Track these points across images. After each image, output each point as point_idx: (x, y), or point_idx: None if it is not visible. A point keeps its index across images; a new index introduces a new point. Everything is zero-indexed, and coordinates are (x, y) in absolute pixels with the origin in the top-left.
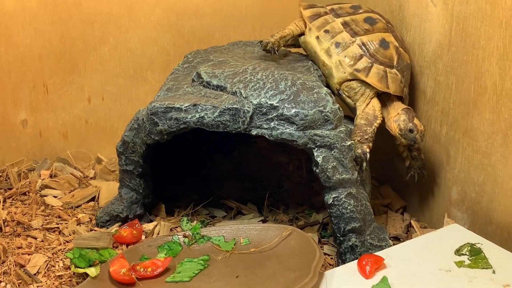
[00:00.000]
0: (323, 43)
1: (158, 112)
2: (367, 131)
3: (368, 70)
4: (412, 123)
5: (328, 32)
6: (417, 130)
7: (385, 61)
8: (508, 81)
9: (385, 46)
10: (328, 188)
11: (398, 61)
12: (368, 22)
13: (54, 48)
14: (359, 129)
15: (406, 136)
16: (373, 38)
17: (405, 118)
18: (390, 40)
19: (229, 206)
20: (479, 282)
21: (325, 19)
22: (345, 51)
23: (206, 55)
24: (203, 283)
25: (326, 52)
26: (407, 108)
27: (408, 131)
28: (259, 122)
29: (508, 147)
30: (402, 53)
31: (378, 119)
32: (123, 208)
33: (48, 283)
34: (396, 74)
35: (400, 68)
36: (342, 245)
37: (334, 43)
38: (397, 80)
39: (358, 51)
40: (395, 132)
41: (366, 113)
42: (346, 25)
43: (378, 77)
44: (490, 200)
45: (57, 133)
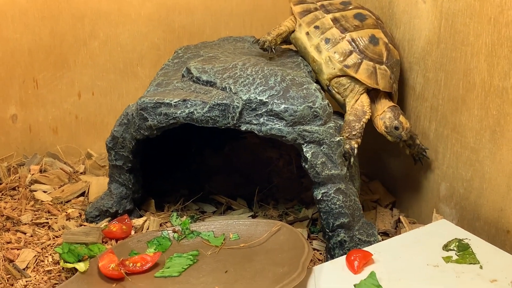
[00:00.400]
0: (313, 39)
1: (148, 107)
2: (355, 127)
3: (358, 66)
4: (398, 120)
5: (318, 28)
6: (402, 127)
7: (375, 57)
8: (496, 77)
9: (375, 42)
10: (317, 184)
11: (387, 57)
12: (358, 18)
13: (44, 42)
14: (347, 125)
15: (392, 133)
16: (362, 34)
17: (390, 116)
18: (380, 36)
19: (219, 202)
20: (466, 277)
21: (315, 15)
22: (335, 47)
23: (196, 50)
24: (192, 278)
25: (316, 48)
26: (393, 106)
27: (394, 128)
28: (249, 118)
29: (496, 143)
30: (391, 49)
31: (366, 115)
32: (113, 203)
33: (37, 278)
34: (386, 70)
35: (389, 64)
36: (331, 241)
37: (324, 39)
38: (386, 77)
39: (348, 47)
40: (381, 129)
41: (355, 109)
42: (336, 21)
43: (368, 73)
44: (478, 196)
45: (47, 128)
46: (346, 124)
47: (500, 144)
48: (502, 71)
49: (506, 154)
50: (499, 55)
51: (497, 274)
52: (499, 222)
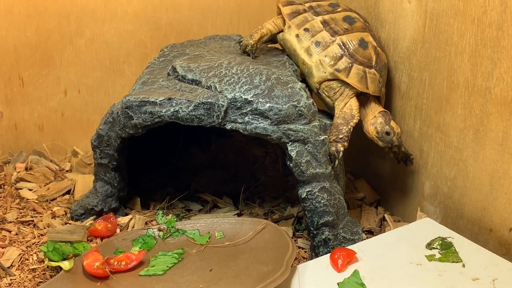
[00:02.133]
0: (303, 41)
1: (133, 105)
2: (343, 130)
3: (349, 70)
4: (389, 125)
5: (308, 30)
6: (394, 132)
7: (364, 61)
8: (480, 77)
9: (364, 46)
10: (302, 182)
11: (376, 61)
12: (347, 21)
13: (30, 40)
14: (335, 128)
15: (383, 138)
16: (352, 38)
17: (381, 121)
18: (369, 40)
19: (205, 200)
20: (448, 275)
21: (304, 17)
22: (326, 51)
23: (182, 48)
24: (177, 276)
25: (306, 51)
26: (384, 111)
27: (385, 133)
28: (234, 117)
29: (479, 142)
30: (380, 52)
31: (354, 118)
32: (98, 202)
33: (21, 276)
34: (375, 74)
35: (378, 68)
36: (316, 239)
37: (315, 42)
38: (375, 80)
39: (338, 50)
40: (372, 134)
41: (344, 112)
42: (326, 24)
43: (358, 78)
44: (462, 194)
45: (33, 125)
46: (334, 127)
47: (483, 143)
48: (485, 71)
49: (489, 153)
50: (482, 55)
51: (480, 272)
52: (482, 220)
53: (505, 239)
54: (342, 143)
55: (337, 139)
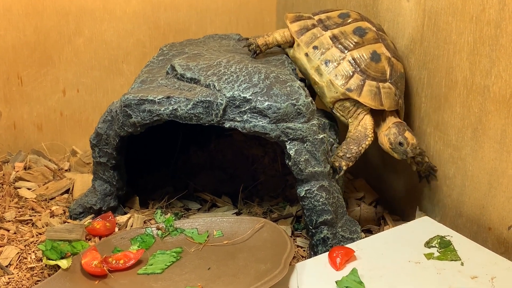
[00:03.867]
0: (313, 61)
1: (132, 104)
2: (352, 150)
3: (361, 88)
4: (402, 136)
5: (317, 48)
6: (407, 143)
7: (377, 75)
8: (478, 75)
9: (377, 60)
10: (301, 181)
11: (391, 73)
12: (358, 33)
13: (28, 39)
14: (346, 145)
15: (397, 149)
16: (363, 52)
17: (395, 132)
18: (382, 51)
19: (204, 199)
20: (447, 273)
21: (313, 33)
22: (336, 69)
23: (181, 47)
24: (175, 275)
25: (317, 70)
26: (399, 122)
27: (398, 144)
28: (232, 115)
29: (477, 141)
30: (394, 63)
31: (368, 140)
32: (97, 200)
33: (19, 275)
34: (390, 87)
35: (393, 80)
36: (314, 237)
37: (324, 61)
38: (391, 95)
39: (349, 68)
40: (386, 146)
41: (358, 131)
42: (335, 39)
43: (372, 95)
44: (460, 193)
45: (32, 125)
46: (346, 143)
47: (481, 141)
48: (483, 69)
49: (487, 151)
50: (480, 53)
51: (478, 271)
52: (481, 219)
53: (503, 237)
54: (347, 162)
55: (344, 156)
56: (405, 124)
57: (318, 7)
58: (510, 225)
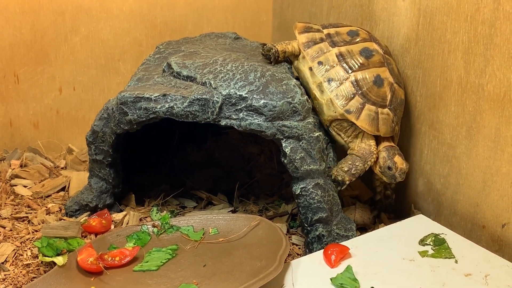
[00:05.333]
0: (316, 76)
1: (128, 101)
2: (358, 167)
3: (359, 112)
4: (391, 160)
5: (322, 64)
6: (396, 167)
7: (378, 100)
8: (473, 74)
9: (379, 84)
10: (296, 179)
11: (391, 100)
12: (364, 54)
13: (25, 37)
14: (351, 160)
15: (385, 173)
16: (367, 74)
17: (384, 156)
18: (385, 76)
19: (200, 197)
20: (441, 271)
21: (320, 48)
22: (338, 89)
23: (177, 46)
24: (171, 272)
25: (318, 86)
26: (390, 146)
27: (387, 168)
28: (228, 113)
29: (472, 139)
30: (396, 90)
31: (373, 157)
32: (93, 198)
33: (15, 272)
34: (388, 114)
35: (392, 107)
36: (309, 235)
37: (327, 78)
38: (388, 121)
39: (351, 89)
40: (376, 169)
41: (362, 148)
42: (341, 57)
43: (369, 120)
44: (455, 191)
45: (28, 123)
46: (350, 158)
47: (476, 140)
48: (478, 68)
49: (481, 150)
50: (475, 52)
51: (472, 269)
52: (475, 217)
53: (497, 235)
54: (350, 178)
55: (348, 171)
56: (396, 148)
57: (314, 6)
58: (504, 223)
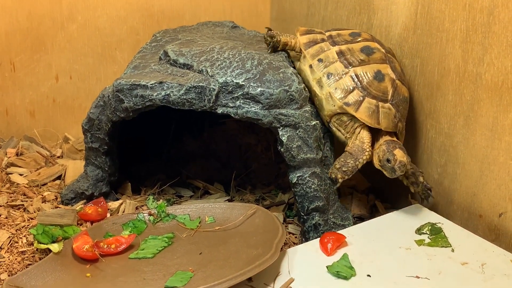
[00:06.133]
0: (316, 72)
1: (124, 89)
2: (348, 164)
3: (359, 104)
4: (391, 153)
5: (321, 61)
6: (395, 160)
7: (379, 94)
8: (470, 63)
9: (380, 79)
10: (293, 167)
11: (393, 95)
12: (365, 52)
13: (21, 25)
14: (343, 157)
15: (385, 166)
16: (367, 70)
17: (384, 149)
18: (386, 72)
19: (196, 186)
20: (437, 259)
21: (320, 47)
22: (337, 83)
23: (174, 34)
24: (167, 259)
25: (318, 82)
26: (391, 140)
27: (386, 161)
28: (225, 101)
29: (469, 128)
30: (398, 86)
31: (365, 154)
32: (89, 186)
33: (10, 259)
34: (390, 109)
35: (394, 102)
36: (306, 224)
37: (326, 73)
38: (390, 115)
39: (350, 83)
40: (376, 164)
41: (355, 144)
42: (341, 54)
43: (369, 112)
44: (452, 181)
45: (24, 111)
46: (343, 155)
47: (473, 129)
48: (476, 57)
49: (479, 139)
50: (473, 41)
51: (469, 257)
52: (472, 206)
53: (494, 224)
54: (343, 175)
55: (340, 169)
56: (398, 143)
57: None
58: (501, 213)
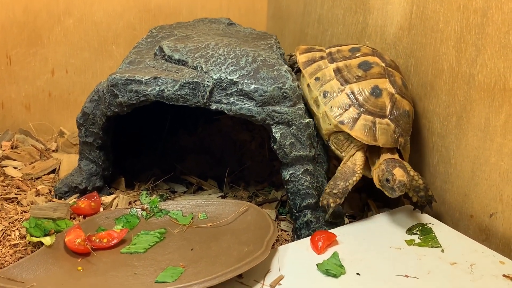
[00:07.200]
0: (313, 91)
1: (118, 84)
2: (338, 186)
3: (354, 122)
4: (390, 172)
5: (318, 79)
6: (393, 180)
7: (375, 110)
8: (464, 64)
9: (377, 94)
10: (286, 165)
11: (391, 110)
12: (363, 67)
13: (18, 19)
14: (333, 180)
15: (384, 187)
16: (364, 86)
17: (383, 168)
18: (384, 87)
19: (190, 182)
20: (427, 259)
21: (318, 65)
22: (332, 101)
23: (170, 30)
24: (158, 255)
25: (315, 101)
26: (391, 159)
27: (385, 181)
28: (219, 97)
29: (461, 129)
30: (398, 100)
31: (355, 176)
32: (82, 180)
33: (3, 251)
34: (388, 124)
35: (393, 117)
36: (298, 221)
37: (323, 92)
38: (388, 131)
39: (346, 101)
40: (376, 183)
41: (346, 166)
42: (338, 71)
43: (365, 130)
44: (444, 181)
45: (19, 104)
46: (333, 179)
47: (465, 130)
48: (469, 58)
49: (471, 139)
50: (467, 41)
51: (458, 258)
52: (463, 206)
53: (485, 225)
54: (335, 199)
55: (330, 193)
56: (398, 161)
57: None
58: (492, 213)
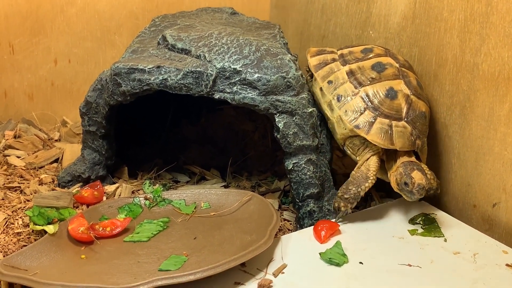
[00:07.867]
0: (326, 95)
1: (121, 73)
2: (350, 191)
3: (370, 125)
4: (408, 175)
5: (331, 83)
6: (412, 183)
7: (391, 113)
8: (468, 53)
9: (392, 96)
10: (289, 154)
11: (407, 112)
12: (376, 69)
13: (21, 7)
14: (345, 185)
15: (403, 190)
16: (379, 88)
17: (401, 171)
18: (399, 88)
19: (193, 172)
20: (430, 249)
21: (330, 68)
22: (346, 105)
23: (173, 19)
24: (161, 243)
25: (329, 105)
26: (409, 161)
27: (404, 184)
28: (222, 86)
29: (465, 118)
30: (414, 101)
31: (368, 182)
32: (85, 169)
33: (6, 240)
34: (405, 127)
35: (410, 119)
36: (301, 210)
37: (336, 96)
38: (405, 134)
39: (361, 104)
40: (394, 187)
41: (360, 171)
42: (351, 74)
43: (381, 134)
44: (447, 171)
45: (22, 94)
46: (345, 183)
47: (469, 119)
48: (473, 47)
49: (474, 129)
50: (471, 30)
51: (461, 247)
52: (466, 196)
53: (488, 215)
54: (345, 204)
55: (342, 197)
56: (416, 164)
57: None
58: (495, 203)
